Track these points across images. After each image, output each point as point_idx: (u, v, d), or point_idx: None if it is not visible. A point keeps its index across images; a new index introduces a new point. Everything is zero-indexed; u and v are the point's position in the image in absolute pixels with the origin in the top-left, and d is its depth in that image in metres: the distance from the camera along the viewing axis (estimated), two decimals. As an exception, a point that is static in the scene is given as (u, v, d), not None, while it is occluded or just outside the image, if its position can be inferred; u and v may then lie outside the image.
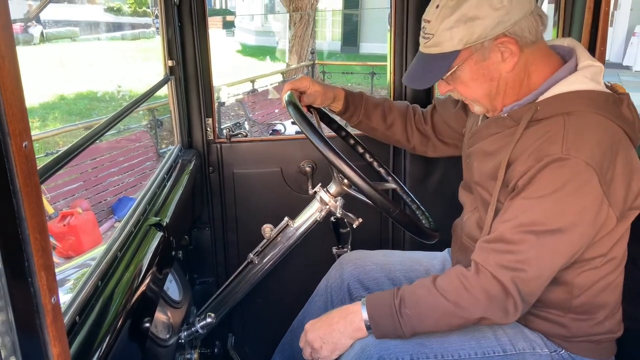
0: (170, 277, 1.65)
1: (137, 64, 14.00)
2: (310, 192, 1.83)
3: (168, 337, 1.51)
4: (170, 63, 2.04)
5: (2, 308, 0.59)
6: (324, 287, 1.89)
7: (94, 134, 1.29)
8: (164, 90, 2.12)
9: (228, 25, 24.67)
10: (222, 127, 6.70)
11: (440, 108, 1.89)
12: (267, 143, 2.38)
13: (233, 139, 2.26)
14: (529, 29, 1.32)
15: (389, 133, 1.93)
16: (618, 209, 1.31)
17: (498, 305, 1.30)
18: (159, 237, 1.46)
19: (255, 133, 7.86)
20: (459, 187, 1.72)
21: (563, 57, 1.44)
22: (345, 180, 1.70)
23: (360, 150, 1.96)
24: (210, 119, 2.21)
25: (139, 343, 1.23)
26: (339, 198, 1.76)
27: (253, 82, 9.21)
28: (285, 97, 1.66)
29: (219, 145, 2.25)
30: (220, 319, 1.90)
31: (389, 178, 1.94)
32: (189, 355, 1.72)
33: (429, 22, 1.37)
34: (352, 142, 1.97)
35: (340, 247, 2.01)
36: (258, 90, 9.23)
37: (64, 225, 4.33)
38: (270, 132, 7.84)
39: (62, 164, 1.02)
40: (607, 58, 2.22)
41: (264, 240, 1.84)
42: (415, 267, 1.85)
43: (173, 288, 1.67)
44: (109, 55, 15.15)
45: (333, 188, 1.75)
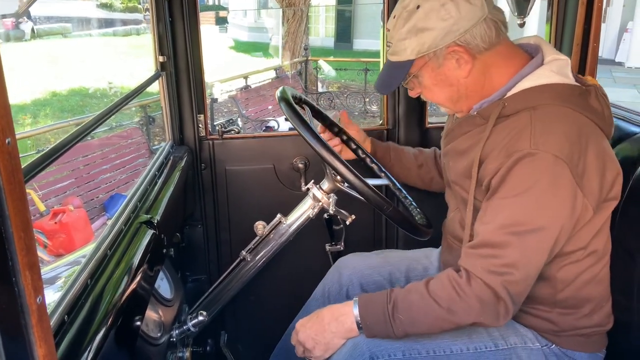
0: (162, 274, 1.64)
1: (129, 60, 13.93)
2: (303, 188, 1.82)
3: (159, 335, 1.49)
4: (161, 59, 2.02)
5: (-15, 308, 0.58)
6: (321, 292, 1.86)
7: (83, 131, 1.27)
8: (156, 87, 2.10)
9: (221, 21, 24.56)
10: (214, 123, 6.69)
11: None
12: (259, 140, 2.37)
13: (225, 136, 2.24)
14: (481, 37, 1.35)
15: (422, 172, 1.94)
16: (593, 200, 1.32)
17: (490, 310, 1.31)
18: (150, 234, 1.45)
19: (248, 130, 7.84)
20: (445, 187, 1.72)
21: (530, 54, 1.45)
22: (338, 177, 1.69)
23: (353, 147, 1.95)
24: (202, 116, 2.19)
25: (130, 342, 1.21)
26: (332, 195, 1.75)
27: (246, 78, 9.19)
28: (278, 93, 1.65)
29: (211, 142, 2.24)
30: (213, 317, 1.89)
31: (382, 174, 1.93)
32: (181, 354, 1.70)
33: (389, 30, 1.44)
34: (344, 138, 1.96)
35: (333, 244, 2.01)
36: (251, 87, 9.20)
37: (56, 223, 4.31)
38: (263, 128, 7.83)
39: (49, 161, 1.01)
40: (599, 54, 2.22)
41: (257, 238, 1.83)
42: (414, 266, 1.84)
43: (164, 286, 1.66)
44: (101, 51, 15.06)
45: (326, 185, 1.74)
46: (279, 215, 1.80)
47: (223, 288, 1.91)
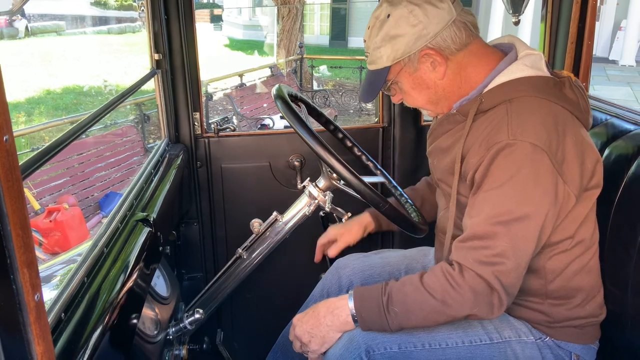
0: (158, 272, 1.64)
1: (124, 58, 13.88)
2: (299, 186, 1.82)
3: (156, 333, 1.49)
4: (157, 56, 2.02)
5: (-17, 306, 0.58)
6: (319, 293, 1.85)
7: (79, 129, 1.27)
8: (151, 85, 2.10)
9: (216, 19, 24.54)
10: (210, 121, 6.68)
11: None
12: (255, 137, 2.37)
13: (221, 134, 2.24)
14: (452, 39, 1.40)
15: (428, 209, 1.89)
16: (575, 188, 1.35)
17: (484, 302, 1.32)
18: (146, 232, 1.45)
19: (244, 127, 7.84)
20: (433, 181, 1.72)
21: (505, 52, 1.49)
22: (334, 175, 1.69)
23: (349, 144, 1.96)
24: (198, 113, 2.19)
25: (126, 340, 1.22)
26: (328, 192, 1.75)
27: (241, 76, 9.17)
28: (274, 90, 1.65)
29: (207, 140, 2.24)
30: (209, 315, 1.89)
31: (378, 172, 1.93)
32: (177, 352, 1.71)
33: (365, 42, 1.49)
34: (340, 135, 1.96)
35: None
36: (246, 85, 9.19)
37: (51, 221, 4.30)
38: (259, 126, 7.83)
39: (46, 159, 1.01)
40: (593, 52, 2.23)
41: (253, 235, 1.83)
42: (413, 265, 1.84)
43: (161, 284, 1.66)
44: (96, 49, 15.01)
45: (322, 182, 1.74)
46: (275, 213, 1.80)
47: (219, 286, 1.91)
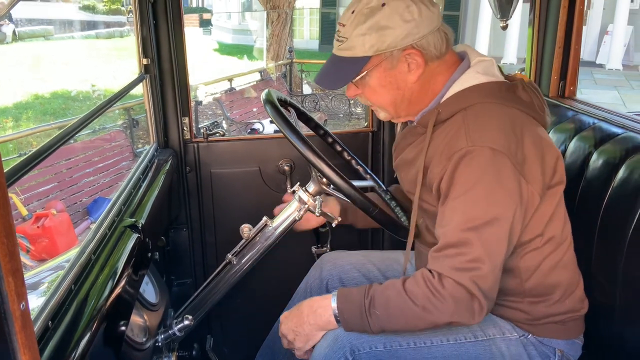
0: (147, 279, 1.62)
1: (112, 63, 13.82)
2: (289, 191, 1.81)
3: (144, 340, 1.48)
4: (145, 61, 2.01)
5: (-33, 315, 0.57)
6: (304, 288, 1.89)
7: (66, 134, 1.26)
8: (140, 89, 2.09)
9: (205, 24, 24.49)
10: (199, 126, 6.66)
11: None
12: (245, 142, 2.36)
13: (210, 138, 2.23)
14: (435, 44, 1.40)
15: None
16: (538, 187, 1.37)
17: (465, 308, 1.33)
18: (135, 238, 1.43)
19: (233, 132, 7.82)
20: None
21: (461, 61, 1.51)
22: (324, 179, 1.69)
23: (338, 149, 1.96)
24: (187, 118, 2.18)
25: (115, 347, 1.20)
26: (318, 197, 1.75)
27: (231, 80, 9.16)
28: (263, 95, 1.65)
29: (196, 145, 2.23)
30: (199, 321, 1.87)
31: (367, 176, 1.93)
32: (167, 358, 1.69)
33: (344, 25, 1.43)
34: (330, 140, 1.96)
35: (320, 246, 2.00)
36: (236, 89, 9.18)
37: (38, 227, 4.27)
38: (249, 131, 7.81)
39: (32, 165, 0.99)
40: (580, 56, 2.25)
41: (243, 240, 1.82)
42: (394, 266, 1.86)
43: (149, 290, 1.64)
44: (84, 54, 14.93)
45: (312, 187, 1.74)
46: (265, 218, 1.80)
47: (209, 292, 1.90)
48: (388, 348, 1.45)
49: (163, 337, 1.67)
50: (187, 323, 1.69)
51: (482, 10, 15.54)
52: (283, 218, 1.80)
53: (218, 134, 2.27)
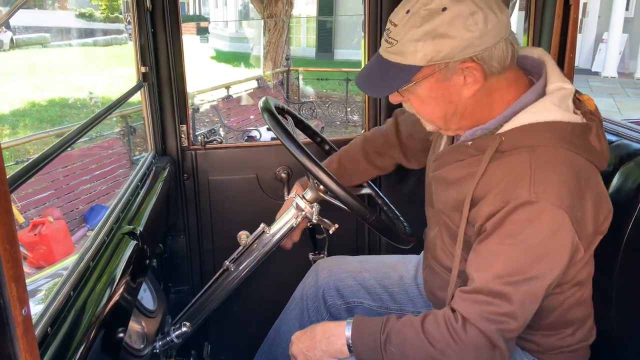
0: (145, 286, 1.63)
1: (109, 70, 13.83)
2: (286, 198, 1.82)
3: (142, 347, 1.48)
4: (143, 69, 2.02)
5: (-30, 321, 0.58)
6: (300, 294, 1.88)
7: (66, 141, 1.27)
8: (137, 97, 2.10)
9: (202, 32, 24.53)
10: (196, 133, 6.66)
11: (404, 124, 1.84)
12: (242, 149, 2.37)
13: (208, 146, 2.24)
14: (498, 58, 1.23)
15: (385, 164, 1.91)
16: (586, 242, 1.29)
17: (485, 358, 1.26)
18: (133, 245, 1.44)
19: (231, 139, 7.82)
20: (426, 202, 1.66)
21: (531, 73, 1.38)
22: (321, 187, 1.70)
23: (336, 156, 1.96)
24: (185, 126, 2.19)
25: (113, 354, 1.21)
26: (315, 204, 1.76)
27: (228, 88, 9.17)
28: (261, 103, 1.66)
29: (194, 152, 2.24)
30: (196, 328, 1.88)
31: (364, 183, 1.94)
32: (164, 365, 1.70)
33: (396, 25, 1.24)
34: (327, 147, 1.97)
35: (317, 253, 2.01)
36: (233, 97, 9.19)
37: (35, 235, 4.27)
38: (246, 138, 7.82)
39: (33, 172, 1.00)
40: (576, 64, 2.27)
41: (240, 247, 1.82)
42: (390, 274, 1.84)
43: (147, 297, 1.65)
44: (81, 62, 14.95)
45: (309, 194, 1.75)
46: (263, 225, 1.80)
47: (206, 299, 1.90)
48: None
49: (161, 343, 1.67)
50: (184, 330, 1.70)
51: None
52: (280, 225, 1.80)
53: (215, 142, 2.28)
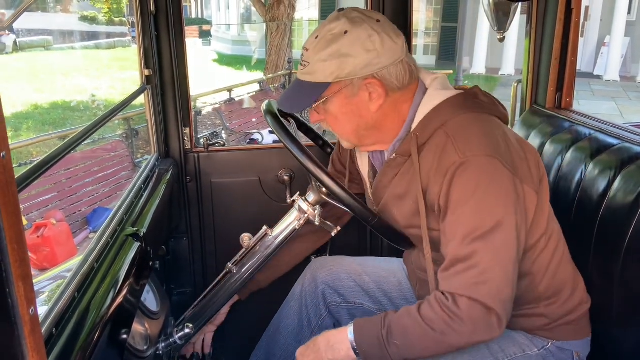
0: (148, 287, 1.64)
1: (112, 73, 13.87)
2: (289, 200, 1.83)
3: (146, 348, 1.49)
4: (147, 72, 2.03)
5: (-21, 319, 0.59)
6: (299, 291, 1.89)
7: (71, 143, 1.28)
8: (140, 100, 2.11)
9: (204, 35, 24.60)
10: (199, 136, 6.68)
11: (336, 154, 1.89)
12: (244, 152, 2.38)
13: (210, 149, 2.25)
14: (397, 76, 1.40)
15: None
16: (531, 183, 1.39)
17: (484, 326, 1.31)
18: (136, 247, 1.45)
19: (233, 142, 7.83)
20: None
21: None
22: (324, 189, 1.71)
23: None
24: (188, 129, 2.20)
25: (117, 355, 1.22)
26: (317, 206, 1.77)
27: (230, 91, 9.19)
28: (264, 106, 1.67)
29: (197, 155, 2.25)
30: (199, 329, 1.89)
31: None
32: (167, 367, 1.70)
33: (308, 50, 1.41)
34: (329, 150, 1.98)
35: (319, 255, 2.02)
36: (235, 100, 9.20)
37: (38, 237, 4.27)
38: (248, 141, 7.83)
39: (39, 174, 1.01)
40: (578, 68, 2.27)
41: (243, 250, 1.83)
42: (390, 279, 1.86)
43: (150, 299, 1.66)
44: (84, 65, 14.99)
45: (311, 197, 1.76)
46: (265, 227, 1.81)
47: (209, 301, 1.91)
48: None
49: (164, 345, 1.68)
50: (187, 331, 1.70)
51: (480, 22, 15.63)
52: (283, 227, 1.81)
53: (218, 144, 2.29)
